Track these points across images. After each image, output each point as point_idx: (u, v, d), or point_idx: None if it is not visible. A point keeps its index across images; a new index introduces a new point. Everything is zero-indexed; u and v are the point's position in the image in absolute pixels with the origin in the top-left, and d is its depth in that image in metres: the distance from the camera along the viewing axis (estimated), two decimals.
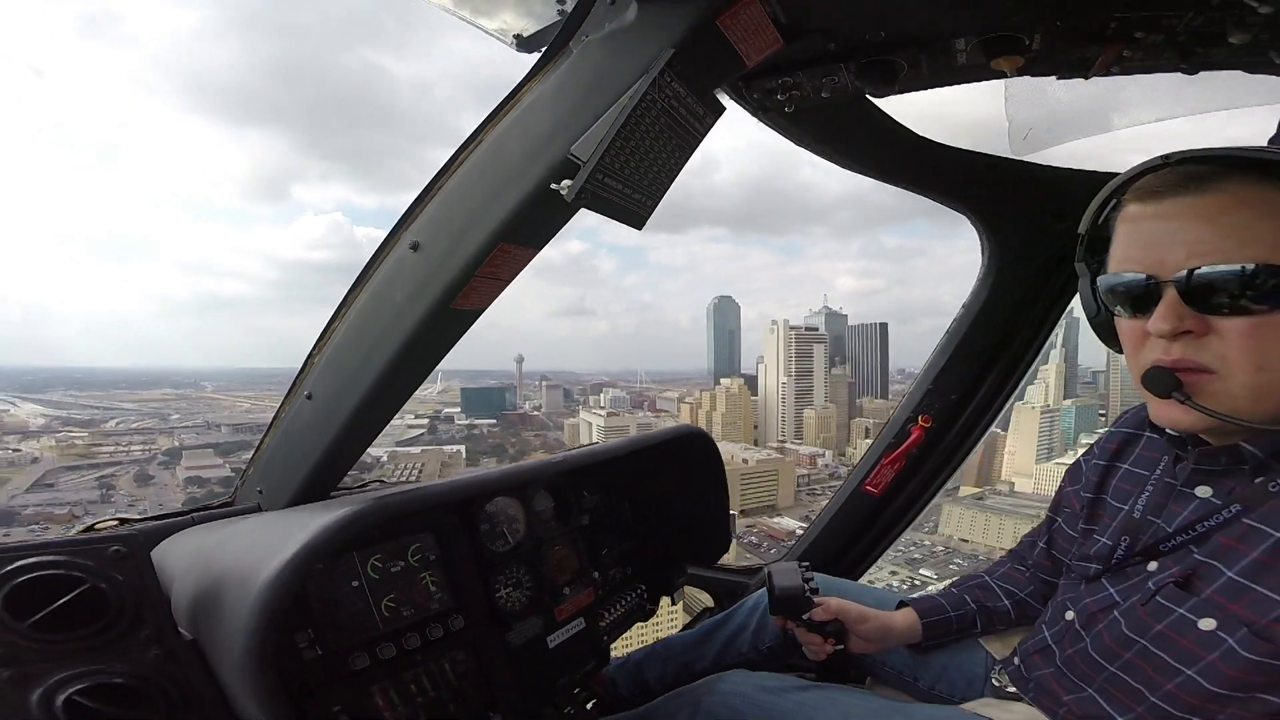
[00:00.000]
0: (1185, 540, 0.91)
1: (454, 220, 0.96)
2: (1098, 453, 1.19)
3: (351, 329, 1.08)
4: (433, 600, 1.23)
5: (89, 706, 0.79)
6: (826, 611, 1.33)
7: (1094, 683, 0.99)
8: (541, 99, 0.90)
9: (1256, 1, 0.78)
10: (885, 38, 0.96)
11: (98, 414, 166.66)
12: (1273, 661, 0.78)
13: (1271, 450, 0.84)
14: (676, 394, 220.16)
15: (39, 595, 0.78)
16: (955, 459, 1.93)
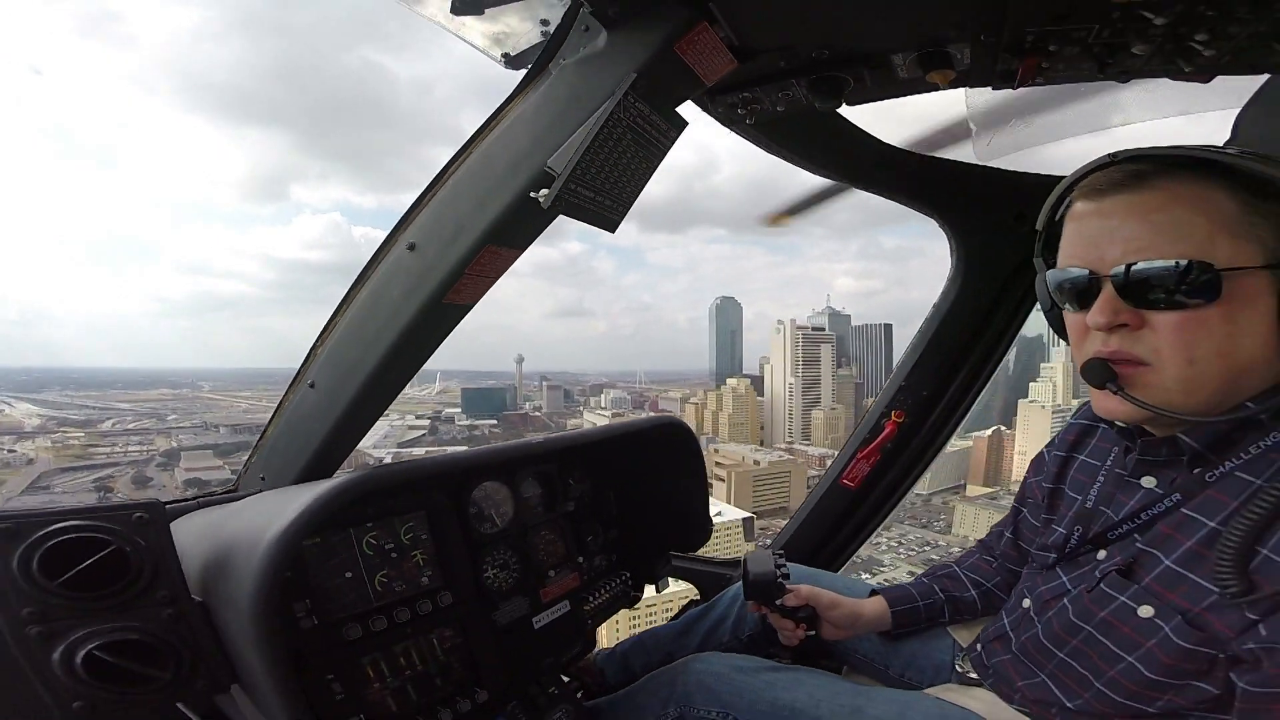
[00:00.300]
0: (1130, 529, 0.96)
1: (446, 224, 1.08)
2: (1058, 444, 1.25)
3: (353, 322, 1.20)
4: (422, 577, 1.32)
5: (107, 661, 0.87)
6: (798, 598, 1.41)
7: (1045, 668, 1.05)
8: (523, 116, 1.02)
9: (1151, 14, 0.88)
10: (830, 55, 1.08)
11: (94, 414, 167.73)
12: (1205, 650, 0.82)
13: (1206, 442, 0.87)
14: (679, 394, 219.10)
15: (69, 556, 0.87)
16: (928, 453, 2.03)
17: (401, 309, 1.12)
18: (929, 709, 1.15)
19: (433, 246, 1.09)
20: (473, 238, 1.04)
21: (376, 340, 1.16)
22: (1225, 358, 0.80)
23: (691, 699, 1.30)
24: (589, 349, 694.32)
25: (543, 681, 1.49)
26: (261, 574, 0.87)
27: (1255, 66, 1.03)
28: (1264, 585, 0.76)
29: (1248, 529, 0.77)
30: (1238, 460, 0.85)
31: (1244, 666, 0.80)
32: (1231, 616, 0.79)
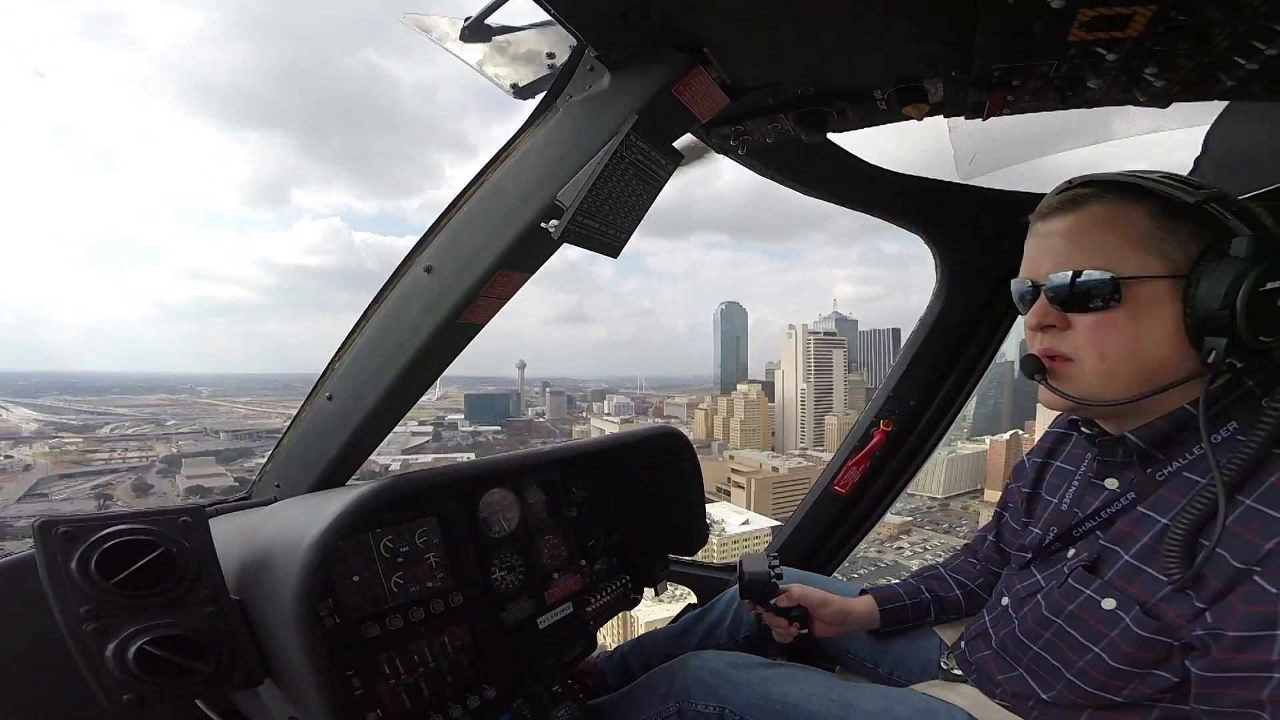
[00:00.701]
0: (1093, 526, 1.05)
1: (461, 249, 1.17)
2: (1036, 451, 1.35)
3: (371, 338, 1.29)
4: (435, 578, 1.43)
5: (156, 655, 0.95)
6: (790, 598, 1.51)
7: (1022, 662, 1.13)
8: (533, 150, 1.12)
9: (1104, 50, 0.99)
10: (815, 92, 1.19)
11: (92, 419, 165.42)
12: (1161, 638, 0.90)
13: (1151, 441, 0.98)
14: (685, 400, 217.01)
15: (122, 558, 0.96)
16: (915, 460, 2.14)
17: (419, 327, 1.21)
18: (915, 703, 1.23)
19: (449, 269, 1.18)
20: (487, 262, 1.14)
21: (394, 356, 1.25)
22: (1134, 354, 0.93)
23: (690, 695, 1.38)
24: (588, 355, 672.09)
25: (547, 680, 1.59)
26: (304, 572, 0.96)
27: (1205, 94, 1.15)
28: (1209, 577, 0.84)
29: (1190, 523, 0.86)
30: (1184, 460, 0.95)
31: (1196, 653, 0.87)
32: (1182, 605, 0.87)
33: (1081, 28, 0.93)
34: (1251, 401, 0.90)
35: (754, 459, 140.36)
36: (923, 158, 1.84)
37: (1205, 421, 0.88)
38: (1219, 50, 0.93)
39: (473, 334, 1.31)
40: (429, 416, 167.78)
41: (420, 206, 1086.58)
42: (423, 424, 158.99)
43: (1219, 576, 0.83)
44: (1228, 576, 0.82)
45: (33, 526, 0.96)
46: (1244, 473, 0.84)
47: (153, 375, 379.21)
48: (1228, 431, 0.92)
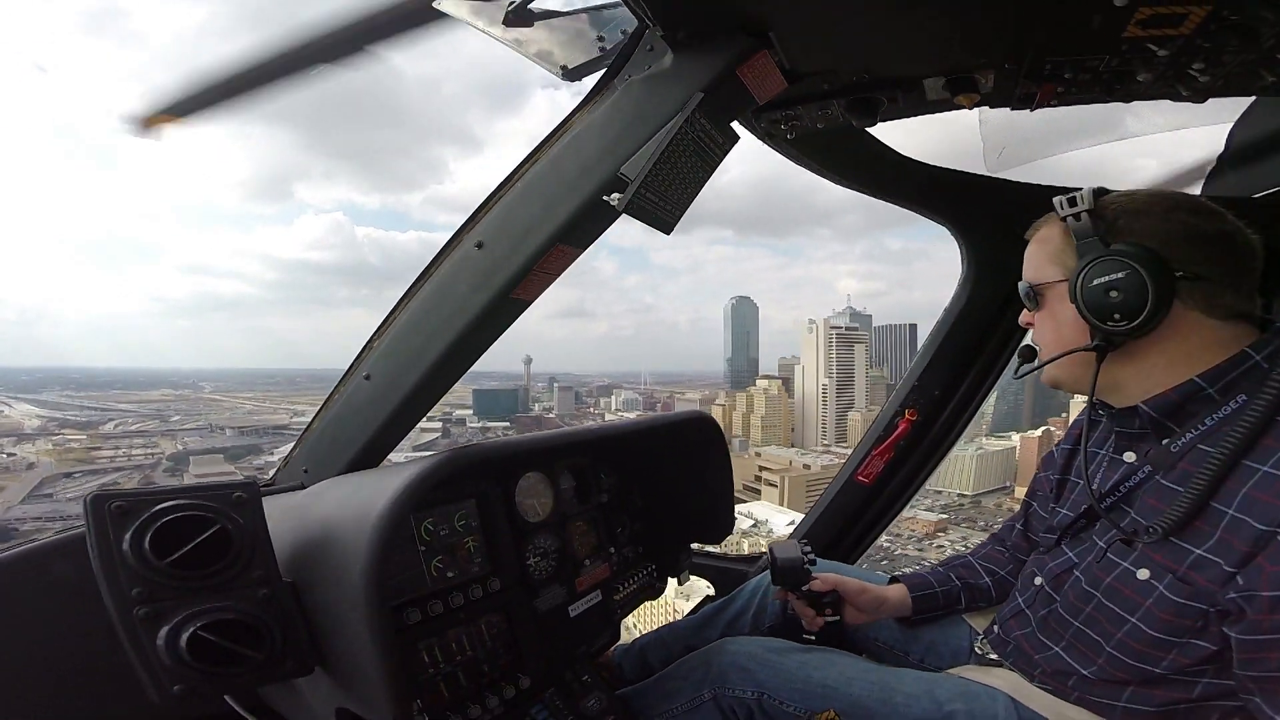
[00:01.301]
0: (1116, 500, 1.11)
1: (516, 224, 1.19)
2: (1065, 440, 1.40)
3: (415, 315, 1.30)
4: (474, 563, 1.44)
5: (210, 640, 0.92)
6: (825, 583, 1.53)
7: (1062, 640, 1.17)
8: (592, 127, 1.14)
9: (1156, 46, 1.04)
10: (869, 79, 1.22)
11: (95, 415, 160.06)
12: (1195, 604, 0.95)
13: (1161, 410, 1.04)
14: (697, 395, 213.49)
15: (175, 536, 0.94)
16: (939, 450, 2.20)
17: (469, 302, 1.22)
18: (955, 687, 1.27)
19: (501, 245, 1.20)
20: (543, 236, 1.15)
21: (439, 333, 1.25)
22: (1059, 341, 1.13)
23: (727, 680, 1.41)
24: (588, 350, 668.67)
25: (576, 670, 1.61)
26: (373, 548, 0.96)
27: (1244, 90, 1.22)
28: (1235, 542, 0.89)
29: (1202, 488, 0.93)
30: (1197, 431, 1.01)
31: (1232, 618, 0.91)
32: (1212, 571, 0.92)
33: (1137, 24, 0.98)
34: (1259, 375, 0.96)
35: (782, 456, 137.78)
36: (938, 150, 1.89)
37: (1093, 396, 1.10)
38: (1265, 48, 0.98)
39: (521, 310, 1.32)
40: (435, 412, 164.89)
41: (423, 201, 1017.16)
42: (431, 420, 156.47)
43: (1244, 540, 0.88)
44: (1252, 539, 0.87)
45: (84, 501, 0.95)
46: (1249, 438, 0.91)
47: (154, 371, 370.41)
48: (1237, 403, 0.98)
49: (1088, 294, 1.01)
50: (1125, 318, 0.99)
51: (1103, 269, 1.00)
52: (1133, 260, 0.98)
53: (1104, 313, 1.00)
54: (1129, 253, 0.99)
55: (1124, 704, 1.07)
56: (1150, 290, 0.97)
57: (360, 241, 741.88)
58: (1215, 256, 1.00)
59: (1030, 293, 1.17)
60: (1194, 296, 1.00)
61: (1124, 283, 0.98)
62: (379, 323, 1.40)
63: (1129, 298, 0.98)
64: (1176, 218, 1.02)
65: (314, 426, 1.47)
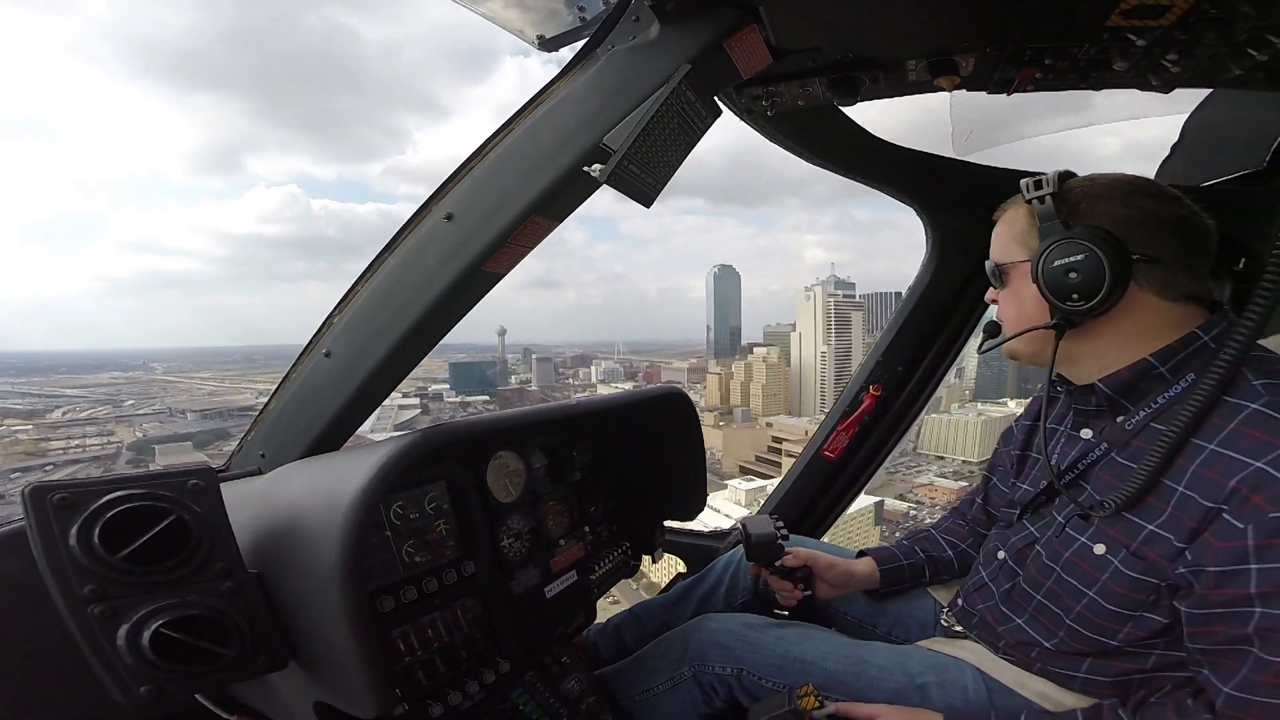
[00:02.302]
0: (1075, 476, 1.15)
1: (488, 195, 1.14)
2: (1025, 415, 1.45)
3: (379, 289, 1.24)
4: (446, 547, 1.41)
5: (175, 638, 0.87)
6: (796, 558, 1.57)
7: (1024, 613, 1.21)
8: (572, 96, 1.10)
9: (1135, 36, 1.07)
10: (853, 58, 1.22)
11: (40, 403, 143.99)
12: (1148, 578, 0.99)
13: (1115, 388, 1.09)
14: (685, 364, 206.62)
15: (128, 528, 0.87)
16: (902, 424, 2.28)
17: (437, 276, 1.17)
18: (924, 659, 1.32)
19: (473, 216, 1.15)
20: (518, 208, 1.12)
21: (407, 307, 1.20)
22: (1020, 318, 1.16)
23: (706, 657, 1.44)
24: (555, 320, 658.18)
25: (554, 651, 1.61)
26: (347, 535, 0.92)
27: (1210, 81, 1.28)
28: (1184, 518, 0.94)
29: (1154, 466, 0.97)
30: (1149, 409, 1.06)
31: (1182, 592, 0.96)
32: (1164, 546, 0.96)
33: (1121, 14, 1.00)
34: (1207, 355, 1.01)
35: (795, 425, 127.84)
36: (905, 131, 1.92)
37: (1052, 373, 1.16)
38: (1238, 41, 1.02)
39: (493, 283, 1.28)
40: (409, 388, 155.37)
41: (383, 172, 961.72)
42: (407, 395, 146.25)
43: (1192, 516, 0.93)
44: (1200, 515, 0.92)
45: (22, 494, 0.87)
46: (1198, 417, 0.95)
47: (100, 353, 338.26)
48: (1186, 382, 1.03)
49: (1048, 274, 1.05)
50: (1083, 298, 1.02)
51: (1063, 251, 1.03)
52: (1091, 243, 1.01)
53: (1063, 292, 1.04)
54: (1088, 235, 1.02)
55: (1083, 675, 1.13)
56: (1107, 272, 1.00)
57: (317, 214, 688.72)
58: (1171, 240, 1.04)
59: (996, 271, 1.20)
60: (1150, 279, 1.04)
61: (1082, 264, 1.01)
62: (339, 297, 1.34)
63: (1087, 279, 1.01)
64: (1135, 202, 1.05)
65: (270, 408, 1.40)
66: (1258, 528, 0.86)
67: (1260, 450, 0.89)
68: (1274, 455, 0.87)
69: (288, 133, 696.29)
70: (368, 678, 0.95)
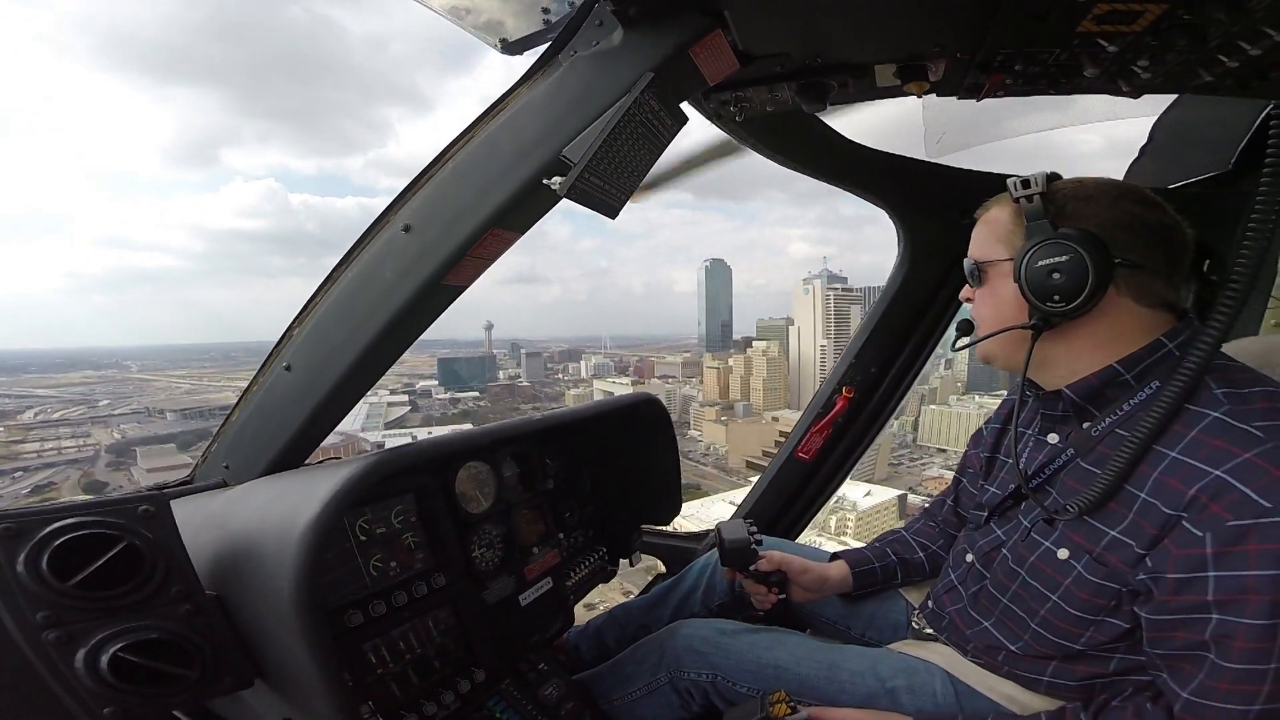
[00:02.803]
0: (1041, 481, 1.15)
1: (447, 206, 1.11)
2: (994, 418, 1.45)
3: (338, 302, 1.21)
4: (415, 559, 1.39)
5: (134, 662, 0.87)
6: (770, 563, 1.57)
7: (992, 616, 1.22)
8: (532, 104, 1.07)
9: (1105, 41, 1.07)
10: (821, 64, 1.20)
11: (9, 403, 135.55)
12: (1109, 584, 1.00)
13: (1082, 394, 1.09)
14: (678, 359, 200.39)
15: (79, 555, 0.86)
16: (875, 426, 2.29)
17: (396, 289, 1.14)
18: (895, 663, 1.33)
19: (432, 228, 1.12)
20: (476, 221, 1.09)
21: (366, 320, 1.17)
22: (997, 318, 1.15)
23: (682, 663, 1.44)
24: (540, 315, 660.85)
25: (531, 658, 1.60)
26: (302, 558, 0.91)
27: (1179, 86, 1.27)
28: (1145, 525, 0.94)
29: (1117, 472, 0.98)
30: (1115, 416, 1.07)
31: (1142, 598, 0.97)
32: (1125, 552, 0.97)
33: (1093, 20, 0.99)
34: (1171, 362, 1.02)
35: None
36: (878, 134, 1.92)
37: (1025, 373, 1.13)
38: (1209, 48, 1.02)
39: (454, 296, 1.25)
40: (396, 385, 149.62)
41: (365, 165, 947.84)
42: (395, 394, 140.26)
43: (1153, 523, 0.93)
44: (1160, 523, 0.92)
45: None
46: (1160, 424, 0.96)
47: (71, 350, 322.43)
48: (1150, 389, 1.04)
49: (1031, 274, 1.04)
50: (1064, 299, 1.02)
51: (1048, 251, 1.03)
52: (1077, 244, 1.01)
53: (1044, 293, 1.03)
54: (1074, 236, 1.02)
55: (1048, 678, 1.14)
56: (1091, 274, 1.00)
57: (296, 209, 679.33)
58: (1154, 246, 1.04)
59: (975, 270, 1.19)
60: (1129, 284, 1.04)
61: (1066, 265, 1.01)
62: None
63: (1069, 280, 1.01)
64: (1122, 206, 1.05)
65: (233, 419, 1.37)
66: (1216, 536, 0.87)
67: (1220, 459, 0.89)
68: (1233, 464, 0.88)
69: (268, 124, 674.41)
70: (330, 700, 0.94)
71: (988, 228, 1.18)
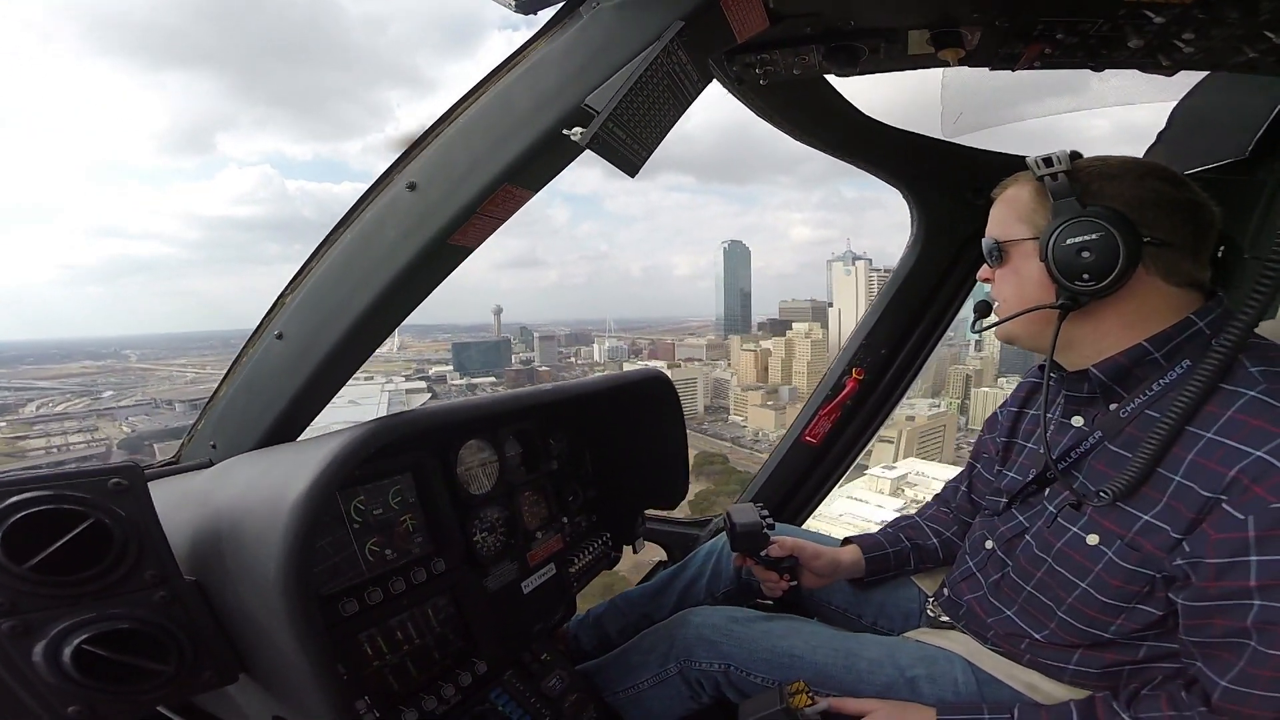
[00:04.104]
0: (1067, 465, 1.10)
1: (456, 162, 1.02)
2: (1010, 401, 1.39)
3: (335, 265, 1.11)
4: (414, 544, 1.29)
5: (101, 655, 0.78)
6: (782, 548, 1.50)
7: (1014, 604, 1.17)
8: (550, 56, 0.98)
9: (1153, 12, 1.00)
10: (854, 27, 1.12)
11: (10, 396, 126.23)
12: (1144, 570, 0.96)
13: (1110, 375, 1.05)
14: (702, 341, 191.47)
15: (38, 534, 0.76)
16: (884, 408, 2.21)
17: (398, 250, 1.05)
18: (913, 651, 1.28)
19: (438, 186, 1.03)
20: (488, 176, 1.00)
21: (365, 283, 1.08)
22: (1020, 299, 1.10)
23: (692, 653, 1.37)
24: (539, 299, 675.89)
25: (534, 649, 1.52)
26: (291, 539, 0.81)
27: (1219, 64, 1.21)
28: (1182, 509, 0.91)
29: (1150, 454, 0.94)
30: (1144, 396, 1.03)
31: (1178, 584, 0.93)
32: (1160, 537, 0.93)
33: None
34: (1202, 341, 0.98)
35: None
36: (891, 108, 1.84)
37: (1051, 354, 1.07)
38: (1259, 22, 0.96)
39: (461, 258, 1.15)
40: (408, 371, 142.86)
41: (363, 150, 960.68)
42: (410, 379, 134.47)
43: (1190, 507, 0.90)
44: (1198, 506, 0.89)
45: None
46: (1194, 405, 0.92)
47: (67, 341, 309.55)
48: (1182, 369, 1.00)
49: (1059, 252, 1.00)
50: (1094, 278, 0.98)
51: (1077, 229, 0.99)
52: (1107, 222, 0.97)
53: (1073, 272, 1.00)
54: (1103, 214, 0.98)
55: (1073, 666, 1.09)
56: (1121, 252, 0.96)
57: (292, 195, 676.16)
58: (1181, 224, 1.00)
59: (995, 249, 1.14)
60: (1157, 262, 1.00)
61: (1097, 244, 0.97)
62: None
63: (1100, 258, 0.97)
64: (1149, 184, 1.01)
65: (221, 394, 1.26)
66: (1259, 519, 0.84)
67: (1261, 439, 0.86)
68: (1275, 444, 0.84)
69: (265, 109, 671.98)
70: (323, 694, 0.85)
71: (1008, 206, 1.13)
